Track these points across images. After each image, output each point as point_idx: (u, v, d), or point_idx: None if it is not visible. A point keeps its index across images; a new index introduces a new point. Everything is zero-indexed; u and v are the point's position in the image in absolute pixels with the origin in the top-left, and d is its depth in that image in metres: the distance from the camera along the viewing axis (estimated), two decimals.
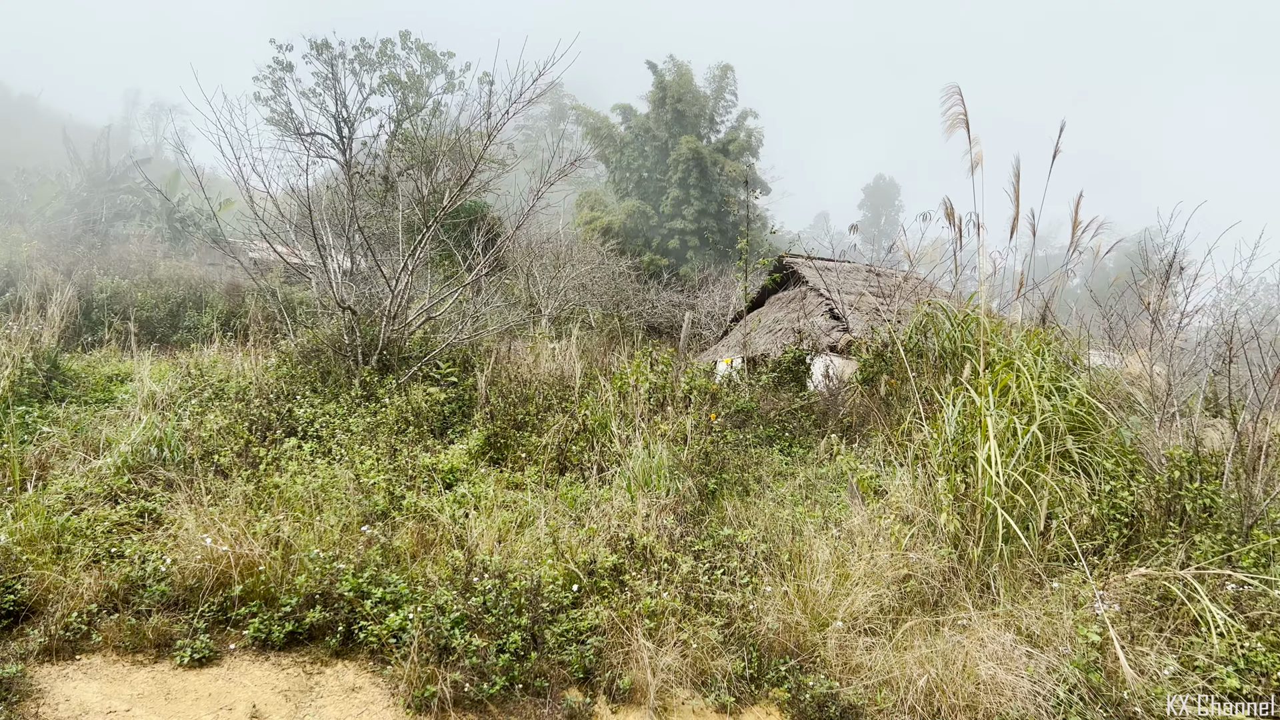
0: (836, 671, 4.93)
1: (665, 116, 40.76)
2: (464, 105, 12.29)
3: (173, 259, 23.84)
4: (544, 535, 6.00)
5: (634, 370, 8.42)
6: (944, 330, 9.00)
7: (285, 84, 23.20)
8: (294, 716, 4.42)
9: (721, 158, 40.03)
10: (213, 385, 9.77)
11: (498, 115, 10.81)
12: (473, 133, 11.48)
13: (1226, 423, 7.30)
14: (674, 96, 40.76)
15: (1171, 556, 5.75)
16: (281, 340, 11.78)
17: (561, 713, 4.62)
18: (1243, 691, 4.59)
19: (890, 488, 6.78)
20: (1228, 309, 8.29)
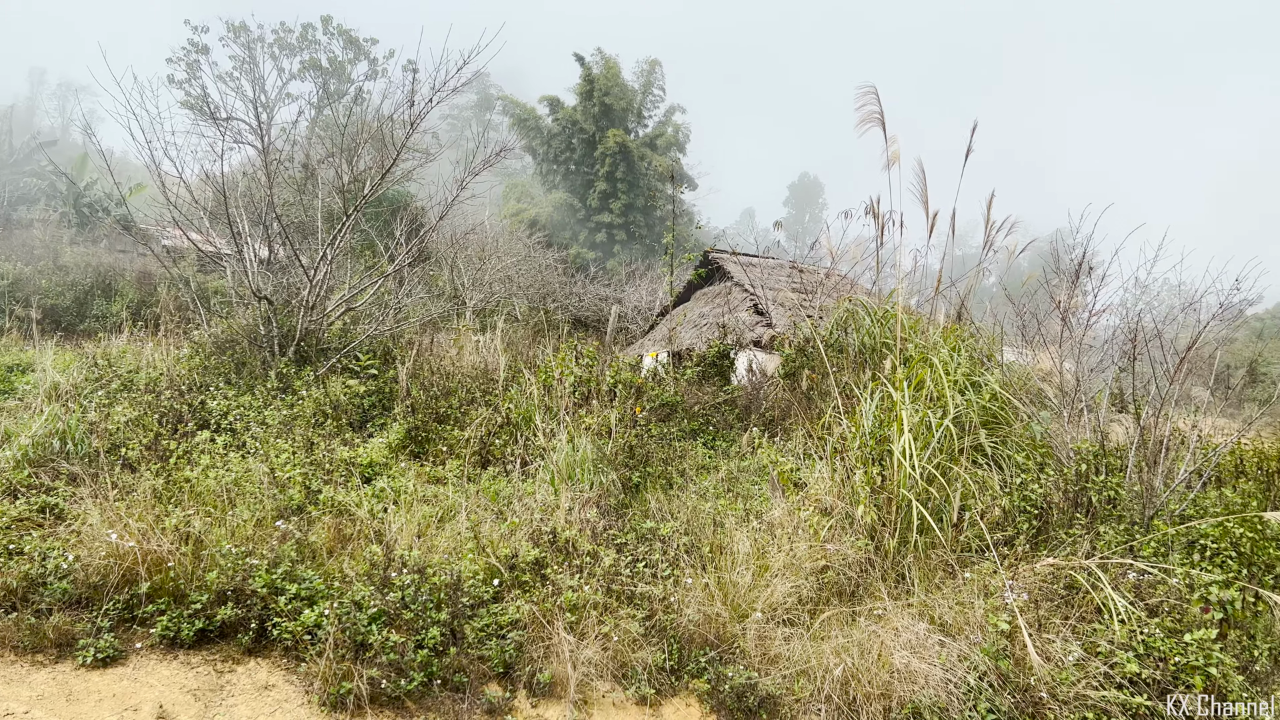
0: (756, 662, 4.99)
1: (593, 109, 40.63)
2: (387, 93, 12.07)
3: (80, 245, 22.98)
4: (465, 530, 5.94)
5: (559, 364, 8.39)
6: (864, 326, 9.17)
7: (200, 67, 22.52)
8: (203, 716, 4.30)
9: (649, 152, 40.11)
10: (121, 376, 9.43)
11: (421, 104, 10.64)
12: (396, 121, 11.28)
13: (1131, 418, 7.57)
14: (601, 90, 40.66)
15: (1078, 547, 5.96)
16: (195, 330, 11.44)
17: (480, 708, 4.58)
18: (1142, 676, 4.78)
19: (810, 480, 6.87)
20: (1133, 308, 8.60)
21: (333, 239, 10.50)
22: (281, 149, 17.48)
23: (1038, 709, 4.57)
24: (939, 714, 4.53)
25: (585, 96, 41.15)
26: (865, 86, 7.05)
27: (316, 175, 14.01)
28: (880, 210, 7.98)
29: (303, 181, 14.71)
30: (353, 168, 11.53)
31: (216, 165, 10.44)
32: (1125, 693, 4.67)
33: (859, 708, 4.70)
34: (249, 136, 11.29)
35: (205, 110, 17.35)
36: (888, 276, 9.11)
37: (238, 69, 23.99)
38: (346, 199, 10.58)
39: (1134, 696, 4.64)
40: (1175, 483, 6.83)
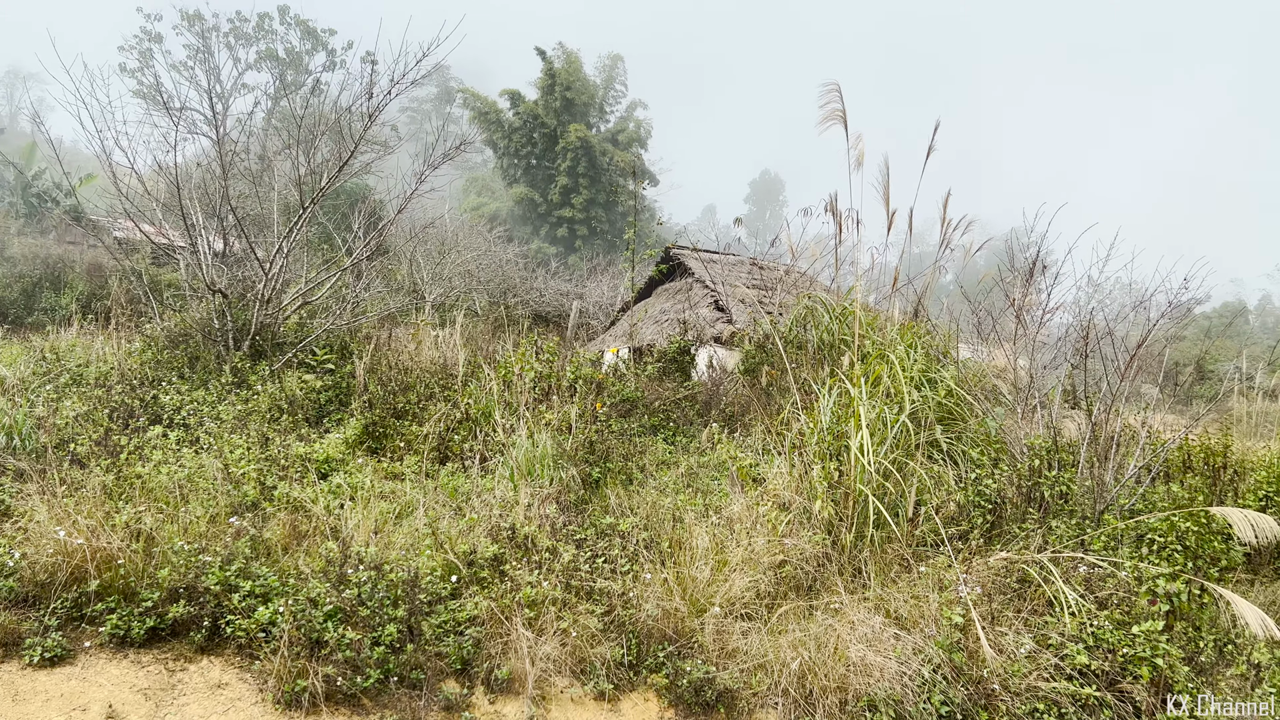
0: (714, 656, 5.01)
1: (554, 104, 40.52)
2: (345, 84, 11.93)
3: (28, 236, 22.46)
4: (423, 526, 5.90)
5: (519, 359, 8.35)
6: (823, 323, 9.24)
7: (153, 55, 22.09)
8: (154, 715, 4.23)
9: (611, 147, 40.08)
10: (70, 370, 9.24)
11: (380, 96, 10.53)
12: (354, 113, 11.16)
13: (1083, 414, 7.71)
14: (563, 84, 40.56)
15: (1030, 541, 6.06)
16: (147, 324, 11.22)
17: (438, 704, 4.56)
18: (1091, 667, 4.88)
19: (769, 476, 6.92)
20: (1085, 306, 8.75)
21: (289, 232, 10.37)
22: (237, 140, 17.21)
23: (990, 700, 4.64)
24: (894, 706, 4.59)
25: (547, 91, 41.03)
26: (829, 83, 7.08)
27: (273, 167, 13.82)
28: (839, 208, 8.06)
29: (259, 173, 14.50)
30: (310, 160, 11.39)
31: (170, 156, 10.25)
32: (1075, 684, 4.76)
33: (815, 701, 4.75)
34: (203, 127, 11.13)
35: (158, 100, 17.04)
36: (846, 274, 9.20)
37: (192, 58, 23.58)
38: (303, 191, 10.44)
39: (1084, 687, 4.74)
40: (1125, 478, 6.97)
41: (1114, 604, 5.38)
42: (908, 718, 4.56)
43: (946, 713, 4.56)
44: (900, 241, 8.11)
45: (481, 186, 42.29)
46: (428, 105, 59.60)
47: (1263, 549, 7.16)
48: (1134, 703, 4.85)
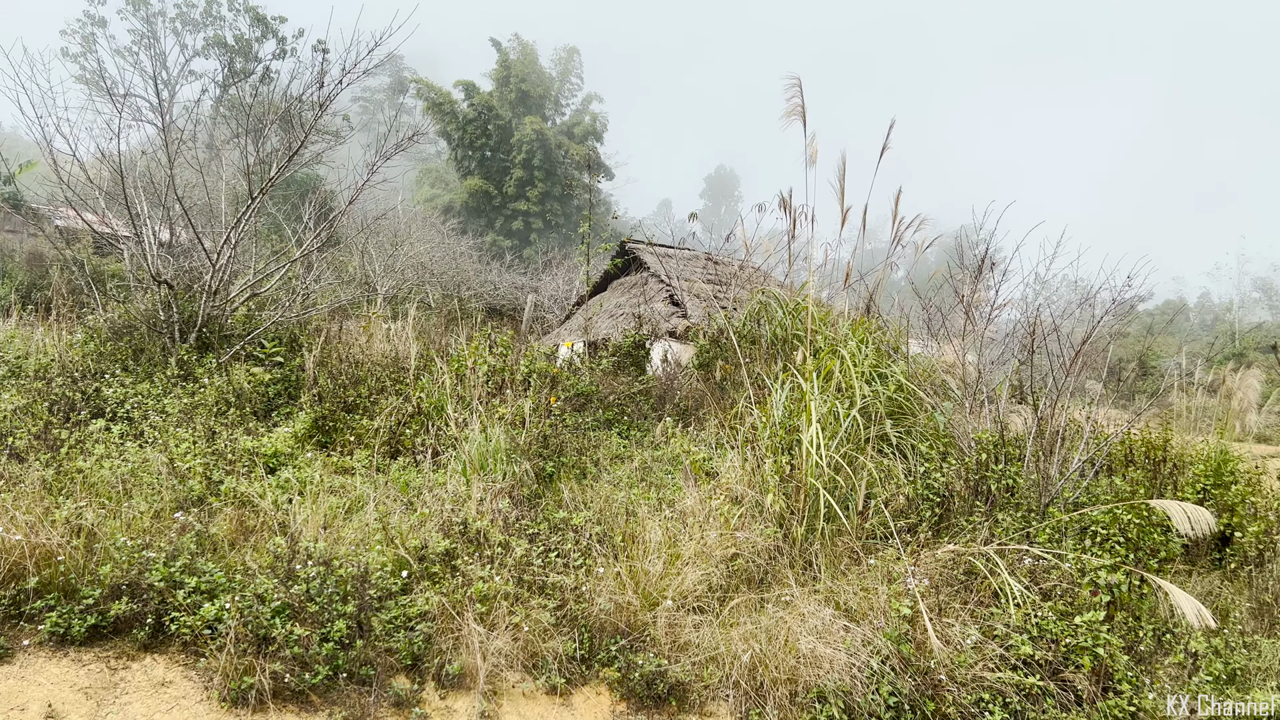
0: (666, 649, 5.03)
1: (509, 96, 40.28)
2: (296, 73, 11.70)
3: None
4: (373, 521, 5.84)
5: (472, 352, 8.30)
6: (776, 318, 9.31)
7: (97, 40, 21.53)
8: (95, 714, 4.14)
9: (566, 140, 39.95)
10: (8, 362, 8.99)
11: (331, 85, 10.38)
12: (305, 102, 10.98)
13: (1029, 409, 7.85)
14: (518, 76, 40.33)
15: (977, 533, 6.16)
16: (89, 315, 10.97)
17: (388, 700, 4.52)
18: (1035, 657, 4.97)
19: (722, 470, 6.95)
20: (1033, 303, 8.91)
21: (237, 222, 10.18)
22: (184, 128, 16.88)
23: (937, 691, 4.71)
24: (843, 698, 4.64)
25: (502, 82, 40.78)
26: (791, 78, 7.12)
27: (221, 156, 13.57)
28: (793, 204, 8.11)
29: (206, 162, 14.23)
30: (259, 149, 11.20)
31: (113, 143, 10.01)
32: (1020, 673, 4.85)
33: (766, 693, 4.78)
34: (149, 114, 10.87)
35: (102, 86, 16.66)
36: (800, 269, 9.26)
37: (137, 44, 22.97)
38: (252, 181, 10.25)
39: (1028, 677, 4.83)
40: (1070, 471, 7.11)
41: (1058, 595, 5.49)
42: (857, 709, 4.62)
43: (894, 704, 4.62)
44: (853, 238, 8.18)
45: (435, 178, 41.90)
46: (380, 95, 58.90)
47: (1200, 540, 7.36)
48: (1076, 692, 4.96)
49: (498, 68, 41.02)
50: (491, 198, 39.21)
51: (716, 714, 4.81)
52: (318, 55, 11.11)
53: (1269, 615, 6.55)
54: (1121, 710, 4.92)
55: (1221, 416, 16.13)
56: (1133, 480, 7.54)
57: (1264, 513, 7.70)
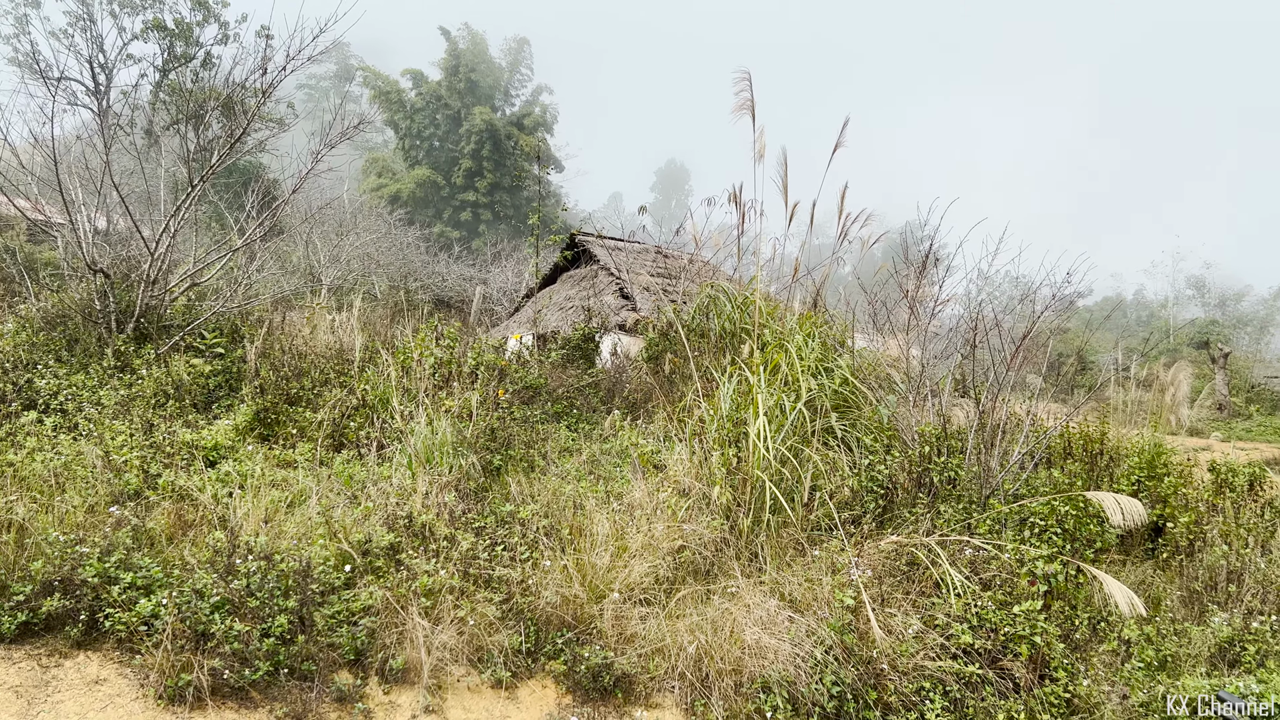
0: (612, 642, 5.03)
1: (458, 85, 39.90)
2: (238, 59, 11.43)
3: None
4: (316, 514, 5.75)
5: (418, 344, 8.20)
6: (725, 312, 9.34)
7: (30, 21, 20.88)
8: (26, 713, 4.03)
9: (516, 131, 39.70)
10: None
11: (275, 72, 10.18)
12: (248, 88, 10.76)
13: (971, 402, 7.98)
14: (468, 65, 39.97)
15: (920, 525, 6.26)
16: (21, 304, 10.63)
17: (330, 695, 4.46)
18: (975, 646, 5.07)
19: (670, 462, 6.97)
20: (975, 298, 9.06)
21: (177, 210, 9.94)
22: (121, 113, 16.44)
23: (879, 680, 4.78)
24: (787, 687, 4.69)
25: (451, 72, 40.38)
26: (741, 72, 7.14)
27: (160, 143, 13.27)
28: (742, 199, 8.14)
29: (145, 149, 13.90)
30: (200, 136, 10.96)
31: (47, 128, 9.71)
32: (960, 662, 4.94)
33: (711, 684, 4.82)
34: (85, 98, 10.59)
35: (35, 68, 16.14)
36: (749, 264, 9.31)
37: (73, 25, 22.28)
38: (193, 168, 10.02)
39: (967, 666, 4.92)
40: (1010, 464, 7.25)
41: (997, 585, 5.60)
42: (800, 699, 4.67)
43: (837, 693, 4.68)
44: (801, 233, 8.24)
45: (382, 167, 41.30)
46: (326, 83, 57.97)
47: (1135, 530, 7.56)
48: (1014, 680, 5.07)
49: (447, 57, 40.60)
50: (439, 188, 38.82)
51: (662, 705, 4.83)
52: (261, 41, 10.85)
53: (1199, 603, 6.75)
54: (1057, 697, 5.03)
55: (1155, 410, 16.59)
56: (1071, 472, 7.72)
57: (1194, 504, 7.93)
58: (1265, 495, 8.89)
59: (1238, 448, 19.83)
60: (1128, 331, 43.44)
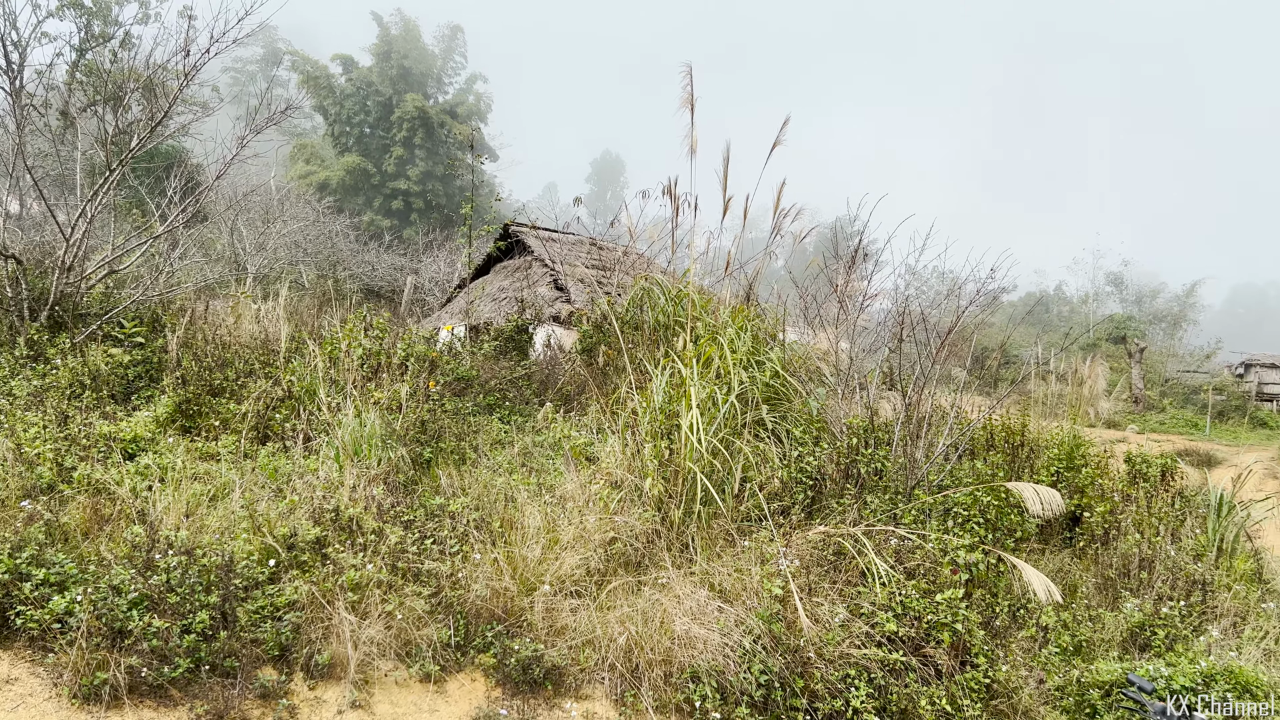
0: (543, 634, 5.03)
1: (390, 72, 39.28)
2: (160, 39, 11.06)
3: None
4: (239, 508, 5.63)
5: (346, 334, 8.07)
6: (659, 305, 9.37)
7: None
8: None
9: (449, 119, 39.24)
10: None
11: (198, 54, 9.89)
12: (170, 70, 10.42)
13: (898, 395, 8.13)
14: (400, 52, 39.37)
15: (847, 515, 6.36)
16: None
17: (253, 692, 4.38)
18: (899, 634, 5.18)
19: (603, 454, 6.98)
20: (904, 293, 9.23)
21: (94, 194, 9.61)
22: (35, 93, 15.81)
23: (806, 668, 4.85)
24: (716, 677, 4.74)
25: (382, 58, 39.71)
26: (683, 65, 7.17)
27: (77, 125, 12.78)
28: (677, 192, 8.17)
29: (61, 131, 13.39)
30: (119, 118, 10.58)
31: None
32: (884, 650, 5.05)
33: (642, 674, 4.84)
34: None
35: None
36: (683, 257, 9.35)
37: None
38: (111, 152, 9.69)
39: (891, 653, 5.03)
40: (935, 455, 7.41)
41: (921, 574, 5.73)
42: (729, 687, 4.72)
43: (765, 682, 4.74)
44: (735, 227, 8.31)
45: (310, 154, 40.43)
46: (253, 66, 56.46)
47: (1054, 520, 7.79)
48: (936, 666, 5.19)
49: (378, 43, 39.91)
50: (370, 176, 38.15)
51: (592, 696, 4.84)
52: (184, 21, 10.52)
53: (1113, 590, 6.99)
54: (977, 682, 5.17)
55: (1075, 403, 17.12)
56: (993, 464, 7.92)
57: (1110, 494, 8.21)
58: (1176, 485, 9.24)
59: (1152, 439, 20.56)
60: (1050, 326, 44.66)
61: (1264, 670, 5.71)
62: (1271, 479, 16.12)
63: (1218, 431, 25.32)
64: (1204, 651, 5.93)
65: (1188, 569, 7.00)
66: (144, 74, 10.72)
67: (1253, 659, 5.90)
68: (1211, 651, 5.94)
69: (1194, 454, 18.91)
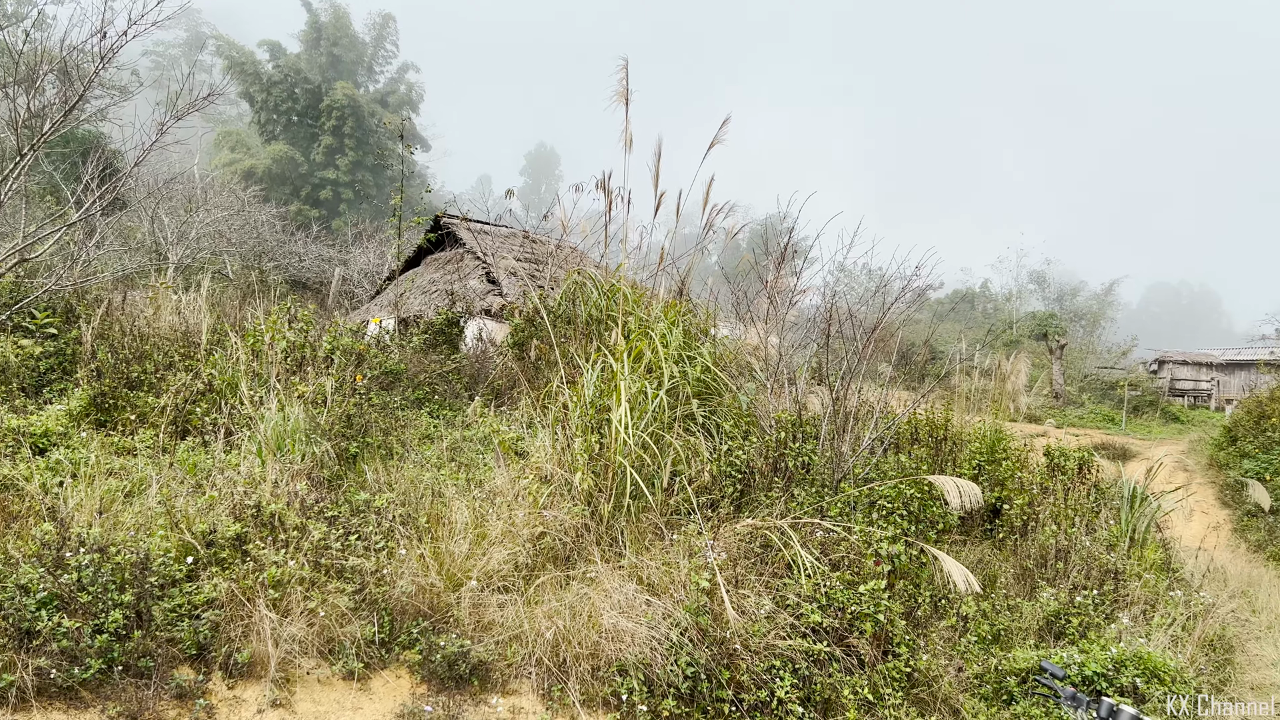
0: (470, 630, 4.99)
1: (319, 59, 38.57)
2: (76, 20, 10.69)
3: None
4: (156, 504, 5.47)
5: (269, 326, 7.89)
6: (591, 299, 9.35)
7: None
8: None
9: (380, 109, 38.70)
10: None
11: (115, 36, 9.56)
12: (86, 52, 10.06)
13: (826, 390, 8.25)
14: (330, 39, 38.67)
15: (775, 508, 6.43)
16: None
17: (169, 692, 4.27)
18: (824, 625, 5.26)
19: (532, 449, 6.95)
20: (833, 290, 9.36)
21: (4, 179, 9.24)
22: None
23: (732, 660, 4.90)
24: (643, 670, 4.75)
25: (312, 45, 38.96)
26: (620, 60, 7.18)
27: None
28: (611, 186, 8.17)
29: None
30: (31, 101, 10.19)
31: None
32: (809, 641, 5.12)
33: (569, 669, 4.84)
34: None
35: None
36: (617, 251, 9.34)
37: None
38: (22, 136, 9.32)
39: (816, 644, 5.10)
40: (861, 449, 7.54)
41: (845, 565, 5.82)
42: (656, 680, 4.74)
43: (692, 674, 4.77)
44: (669, 222, 8.33)
45: (236, 142, 39.48)
46: (176, 50, 54.89)
47: (975, 512, 7.99)
48: (859, 656, 5.29)
49: (307, 29, 39.17)
50: (298, 165, 37.40)
51: (519, 692, 4.83)
52: (101, 2, 10.18)
53: (1030, 580, 7.20)
54: (899, 671, 5.29)
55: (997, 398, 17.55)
56: (917, 457, 8.09)
57: (1029, 487, 8.44)
58: (1092, 478, 9.56)
59: (1070, 434, 21.24)
60: (975, 323, 45.78)
61: (1171, 655, 5.94)
62: (1181, 471, 16.78)
63: (1133, 426, 26.25)
64: (1115, 638, 6.15)
65: (1101, 559, 7.25)
66: (59, 56, 10.34)
67: (1161, 645, 6.13)
68: (1122, 638, 6.16)
69: (1110, 448, 19.61)
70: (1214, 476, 15.76)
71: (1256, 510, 12.09)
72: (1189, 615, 6.86)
